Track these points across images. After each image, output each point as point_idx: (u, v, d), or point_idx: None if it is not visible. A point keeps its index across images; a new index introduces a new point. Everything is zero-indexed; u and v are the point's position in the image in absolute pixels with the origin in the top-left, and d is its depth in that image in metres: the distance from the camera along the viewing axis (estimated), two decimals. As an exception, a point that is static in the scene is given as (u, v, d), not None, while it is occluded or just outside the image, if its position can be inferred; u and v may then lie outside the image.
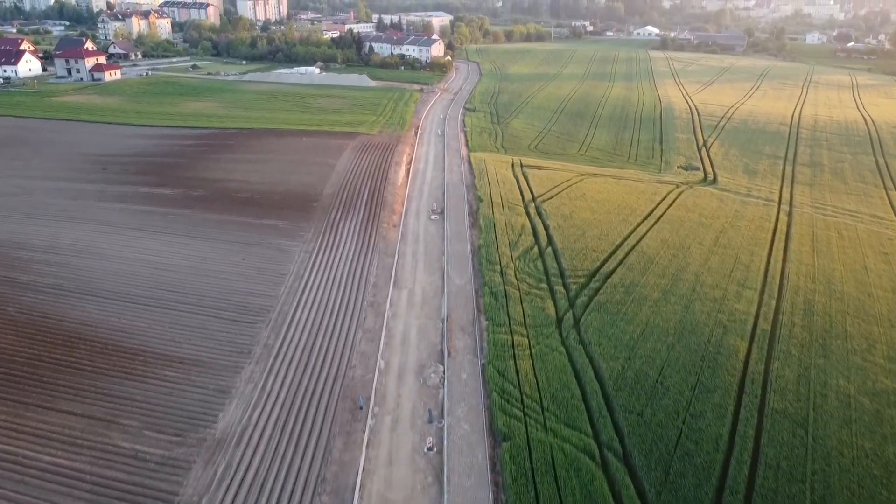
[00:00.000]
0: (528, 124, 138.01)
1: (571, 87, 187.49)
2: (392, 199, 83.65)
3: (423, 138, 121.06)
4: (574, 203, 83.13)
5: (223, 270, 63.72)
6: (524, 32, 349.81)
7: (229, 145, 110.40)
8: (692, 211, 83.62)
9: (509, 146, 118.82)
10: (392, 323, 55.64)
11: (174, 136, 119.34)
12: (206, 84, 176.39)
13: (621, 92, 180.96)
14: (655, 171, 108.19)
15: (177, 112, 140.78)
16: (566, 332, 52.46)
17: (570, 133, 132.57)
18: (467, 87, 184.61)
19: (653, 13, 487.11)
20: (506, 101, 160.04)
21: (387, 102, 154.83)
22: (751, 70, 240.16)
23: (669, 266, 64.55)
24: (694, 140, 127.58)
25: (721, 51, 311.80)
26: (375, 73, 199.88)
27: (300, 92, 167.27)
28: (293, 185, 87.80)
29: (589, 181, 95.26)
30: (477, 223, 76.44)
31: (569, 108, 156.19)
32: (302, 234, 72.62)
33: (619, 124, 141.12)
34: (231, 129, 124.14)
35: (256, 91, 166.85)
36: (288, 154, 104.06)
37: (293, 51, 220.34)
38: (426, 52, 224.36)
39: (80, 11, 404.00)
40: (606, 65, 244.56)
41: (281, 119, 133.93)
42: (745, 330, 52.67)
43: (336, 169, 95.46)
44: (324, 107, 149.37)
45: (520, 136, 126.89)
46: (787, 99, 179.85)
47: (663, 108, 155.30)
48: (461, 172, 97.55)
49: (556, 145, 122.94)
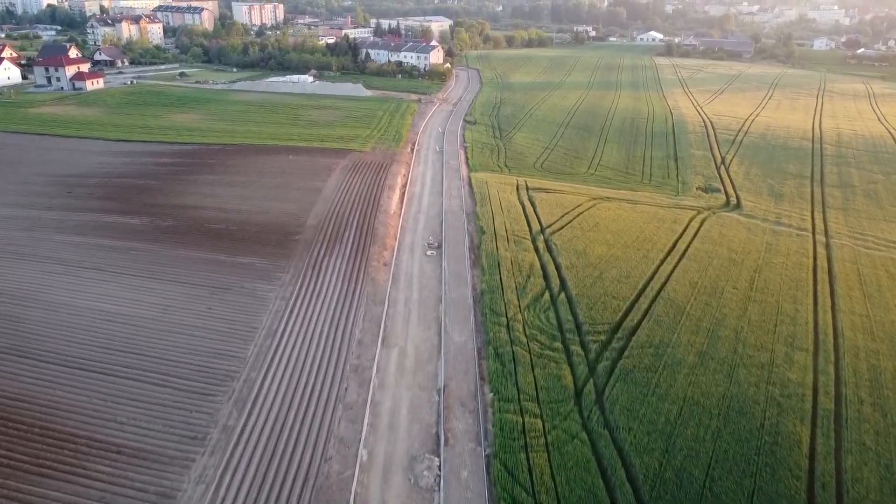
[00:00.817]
0: (533, 139, 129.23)
1: (577, 96, 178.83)
2: (384, 231, 74.73)
3: (420, 156, 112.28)
4: (587, 235, 74.29)
5: (186, 323, 54.82)
6: (525, 38, 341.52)
7: (209, 165, 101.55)
8: (719, 244, 74.80)
9: (513, 164, 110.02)
10: (378, 395, 46.71)
11: (151, 153, 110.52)
12: (192, 94, 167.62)
13: (629, 102, 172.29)
14: (673, 193, 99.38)
15: (158, 125, 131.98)
16: (588, 411, 43.55)
17: (577, 149, 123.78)
18: (467, 96, 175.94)
19: (655, 18, 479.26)
20: (508, 113, 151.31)
21: (382, 114, 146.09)
22: (761, 78, 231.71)
23: (703, 318, 55.67)
24: (711, 157, 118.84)
25: (728, 57, 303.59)
26: (371, 81, 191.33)
27: (291, 102, 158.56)
28: (274, 214, 78.91)
29: (602, 206, 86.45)
30: (479, 261, 67.56)
31: (575, 120, 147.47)
32: (280, 275, 63.72)
33: (630, 139, 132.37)
34: (213, 146, 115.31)
35: (245, 101, 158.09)
36: (271, 175, 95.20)
37: (286, 58, 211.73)
38: (424, 60, 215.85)
39: (72, 16, 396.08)
40: (612, 72, 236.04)
41: (268, 133, 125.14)
42: (803, 409, 43.77)
43: (323, 194, 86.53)
44: (315, 119, 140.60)
45: (524, 153, 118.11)
46: (803, 110, 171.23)
47: (675, 121, 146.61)
48: (461, 197, 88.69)
49: (564, 163, 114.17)
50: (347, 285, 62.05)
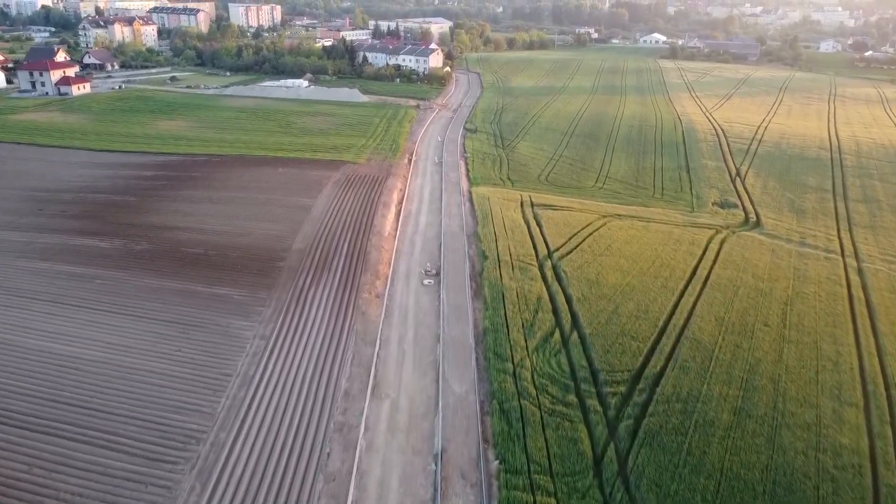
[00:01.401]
0: (537, 148, 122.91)
1: (581, 102, 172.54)
2: (377, 256, 68.35)
3: (418, 168, 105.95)
4: (599, 260, 67.97)
5: (150, 368, 48.48)
6: (527, 40, 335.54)
7: (192, 178, 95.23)
8: (743, 269, 68.48)
9: (516, 177, 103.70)
10: (366, 461, 40.38)
11: (134, 164, 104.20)
12: (182, 99, 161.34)
13: (636, 108, 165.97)
14: (687, 208, 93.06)
15: (144, 134, 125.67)
16: (609, 487, 37.23)
17: (583, 160, 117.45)
18: (468, 102, 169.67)
19: (658, 20, 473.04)
20: (510, 121, 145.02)
21: (379, 121, 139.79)
22: (769, 82, 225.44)
23: (734, 363, 49.34)
24: (725, 168, 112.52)
25: (734, 60, 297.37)
26: (368, 86, 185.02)
27: (284, 108, 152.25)
28: (258, 237, 72.53)
29: (613, 225, 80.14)
30: (481, 291, 61.22)
31: (580, 128, 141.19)
32: (260, 309, 57.37)
33: (638, 148, 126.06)
34: (200, 157, 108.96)
35: (236, 108, 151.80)
36: (258, 191, 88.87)
37: (281, 61, 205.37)
38: (423, 63, 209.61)
39: (67, 17, 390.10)
40: (616, 76, 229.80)
41: (258, 143, 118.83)
42: (862, 486, 37.46)
43: (312, 213, 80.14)
44: (308, 127, 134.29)
45: (527, 164, 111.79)
46: (815, 116, 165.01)
47: (685, 129, 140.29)
48: (461, 215, 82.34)
49: (570, 175, 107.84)
50: (335, 322, 55.69)
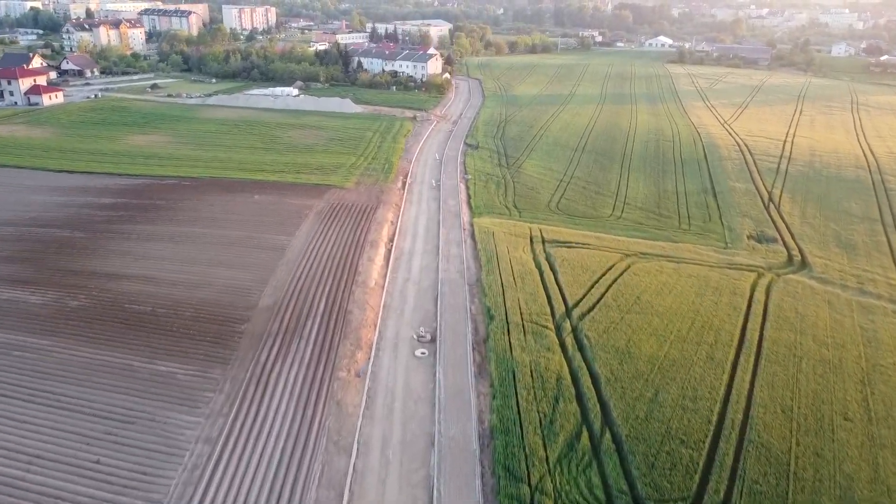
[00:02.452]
0: (545, 168, 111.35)
1: (590, 113, 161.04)
2: (360, 316, 56.69)
3: (413, 193, 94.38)
4: (629, 320, 56.46)
5: (54, 493, 36.97)
6: (529, 44, 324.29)
7: (155, 208, 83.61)
8: (800, 330, 57.01)
9: (523, 204, 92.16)
10: None
11: (94, 189, 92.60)
12: (160, 110, 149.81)
13: (649, 119, 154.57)
14: (719, 242, 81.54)
15: (112, 151, 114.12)
16: None
17: (597, 181, 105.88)
18: (469, 113, 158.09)
19: (663, 23, 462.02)
20: (515, 135, 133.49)
21: (371, 136, 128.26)
22: (785, 89, 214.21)
23: (820, 485, 37.81)
24: (756, 192, 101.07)
25: (744, 64, 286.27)
26: (362, 94, 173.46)
27: (270, 120, 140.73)
28: (219, 288, 60.92)
29: (639, 268, 68.64)
30: (486, 368, 49.70)
31: (591, 143, 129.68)
32: (209, 395, 45.76)
33: (657, 167, 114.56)
34: (169, 179, 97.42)
35: (218, 120, 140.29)
36: (228, 225, 77.29)
37: (270, 67, 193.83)
38: (422, 69, 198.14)
39: (56, 20, 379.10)
40: (624, 83, 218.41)
41: (236, 162, 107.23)
42: None
43: (287, 256, 68.50)
44: (294, 142, 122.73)
45: (536, 188, 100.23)
46: (842, 128, 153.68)
47: (705, 144, 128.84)
48: (462, 256, 70.77)
49: (584, 201, 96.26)
50: (303, 415, 44.07)
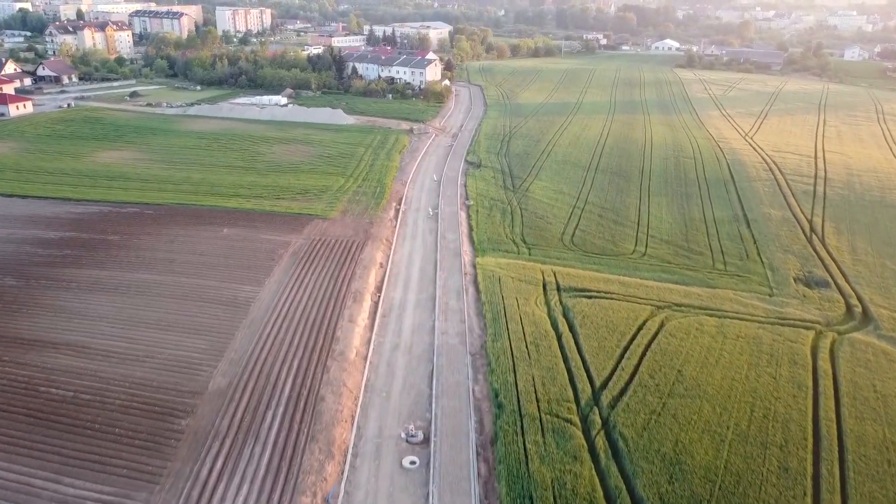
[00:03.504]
0: (555, 191, 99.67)
1: (600, 124, 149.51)
2: (334, 405, 44.93)
3: (407, 224, 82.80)
4: (672, 408, 44.90)
5: None
6: (532, 47, 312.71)
7: (106, 245, 71.95)
8: (886, 420, 45.50)
9: (533, 238, 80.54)
10: None
11: (42, 219, 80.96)
12: (136, 121, 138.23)
13: (665, 132, 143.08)
14: (763, 287, 69.93)
15: (74, 170, 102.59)
16: None
17: (615, 207, 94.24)
18: (470, 124, 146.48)
19: (669, 25, 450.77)
20: (520, 150, 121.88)
21: (363, 152, 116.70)
22: (803, 96, 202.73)
23: None
24: (794, 220, 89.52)
25: (756, 69, 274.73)
26: (356, 104, 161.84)
27: (253, 133, 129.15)
28: (162, 363, 49.26)
29: (675, 327, 57.10)
30: (496, 487, 38.13)
31: (605, 160, 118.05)
32: (125, 538, 34.28)
33: (679, 190, 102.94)
34: (129, 207, 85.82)
35: (197, 133, 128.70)
36: (186, 270, 65.65)
37: (259, 74, 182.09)
38: (420, 76, 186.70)
39: (45, 21, 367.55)
40: (633, 89, 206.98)
41: (210, 185, 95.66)
42: None
43: (252, 313, 56.87)
44: (278, 160, 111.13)
45: (546, 216, 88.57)
46: (872, 142, 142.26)
47: (729, 161, 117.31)
48: (463, 312, 59.14)
49: (601, 233, 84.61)
50: (247, 572, 32.56)
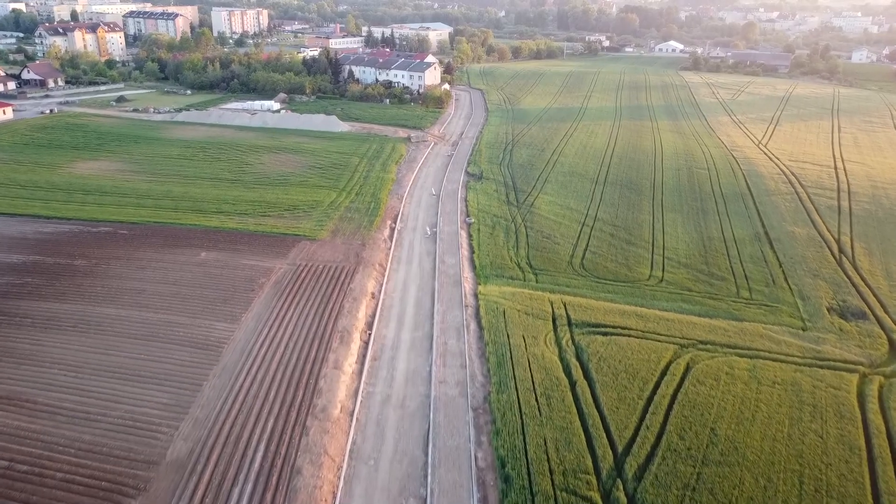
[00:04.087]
0: (562, 206, 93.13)
1: (606, 131, 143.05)
2: (312, 480, 38.13)
3: (403, 246, 76.23)
4: (709, 480, 38.37)
5: None
6: (533, 49, 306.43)
7: (72, 271, 65.44)
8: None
9: (540, 261, 73.96)
10: None
11: (5, 240, 74.21)
12: (120, 128, 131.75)
13: (674, 140, 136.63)
14: (794, 320, 63.38)
15: (50, 182, 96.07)
16: None
17: (627, 225, 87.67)
18: (471, 131, 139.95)
19: (672, 26, 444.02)
20: (524, 160, 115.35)
21: (358, 163, 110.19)
22: (815, 101, 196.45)
23: None
24: (820, 239, 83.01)
25: (763, 72, 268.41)
26: (351, 109, 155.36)
27: (243, 142, 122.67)
28: (116, 424, 42.55)
29: (703, 371, 50.58)
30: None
31: (614, 171, 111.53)
32: None
33: (694, 205, 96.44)
34: (104, 226, 79.24)
35: (183, 141, 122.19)
36: (155, 302, 59.04)
37: (252, 77, 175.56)
38: (418, 80, 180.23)
39: (38, 22, 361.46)
40: (639, 93, 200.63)
41: (192, 200, 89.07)
42: None
43: (224, 358, 50.28)
44: (267, 171, 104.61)
45: (553, 235, 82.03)
46: (891, 150, 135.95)
47: (745, 172, 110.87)
48: (464, 354, 52.56)
49: (614, 255, 78.03)
50: None
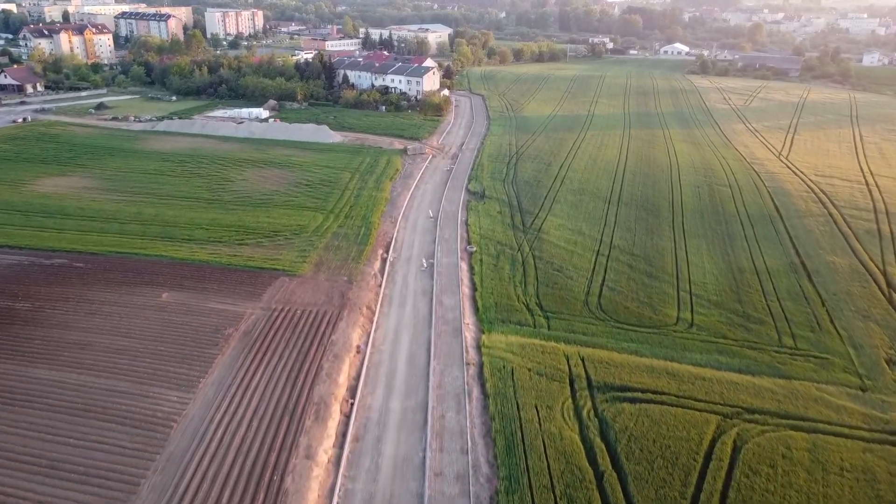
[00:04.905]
0: (573, 230, 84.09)
1: (616, 142, 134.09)
2: None
3: (395, 282, 67.17)
4: None
5: None
6: (535, 51, 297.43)
7: (10, 317, 56.25)
8: None
9: (551, 301, 64.89)
10: None
11: (-55, 273, 65.55)
12: (95, 139, 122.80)
13: (689, 151, 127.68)
14: (849, 375, 54.39)
15: (8, 203, 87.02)
16: None
17: (647, 254, 78.56)
18: (472, 142, 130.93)
19: (676, 28, 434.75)
20: (530, 176, 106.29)
21: (349, 179, 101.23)
22: (831, 107, 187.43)
23: None
24: (864, 271, 73.91)
25: (773, 76, 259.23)
26: (345, 117, 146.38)
27: (226, 154, 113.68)
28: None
29: (755, 451, 41.54)
30: None
31: (627, 189, 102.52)
32: None
33: (719, 229, 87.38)
34: (57, 257, 70.16)
35: (162, 154, 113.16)
36: (101, 361, 49.85)
37: (240, 83, 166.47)
38: (416, 85, 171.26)
39: (28, 23, 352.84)
40: (647, 99, 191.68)
41: (162, 224, 79.94)
42: None
43: (171, 445, 41.08)
44: (248, 189, 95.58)
45: (565, 267, 72.92)
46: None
47: (770, 190, 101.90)
48: (464, 434, 43.40)
49: (635, 292, 68.92)
50: None
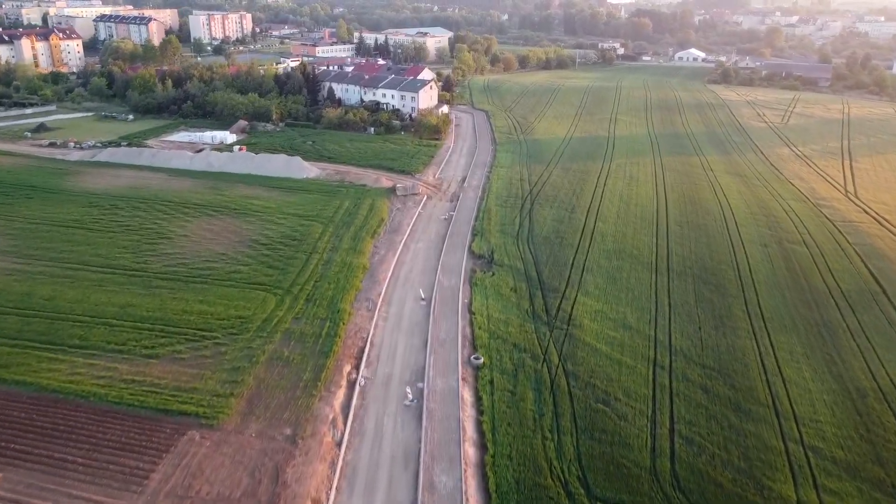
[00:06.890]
0: (616, 323, 61.79)
1: (648, 174, 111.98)
2: None
3: (363, 435, 44.63)
4: None
5: None
6: (542, 58, 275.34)
7: None
8: None
9: (601, 471, 42.61)
10: None
11: None
12: (18, 172, 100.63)
13: (738, 188, 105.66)
14: None
15: None
16: None
17: (723, 364, 56.16)
18: (475, 176, 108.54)
19: (689, 31, 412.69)
20: (550, 230, 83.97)
21: (319, 235, 79.10)
22: (880, 125, 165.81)
23: None
24: None
25: (802, 86, 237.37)
26: (326, 142, 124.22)
27: (173, 196, 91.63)
28: None
29: None
30: None
31: (676, 248, 79.98)
32: None
33: (812, 316, 65.00)
34: None
35: (93, 195, 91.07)
36: None
37: (208, 100, 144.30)
38: (411, 102, 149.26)
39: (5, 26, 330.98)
40: (672, 114, 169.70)
41: (52, 314, 57.68)
42: None
43: None
44: (185, 254, 73.42)
45: (612, 391, 50.70)
46: None
47: (856, 248, 79.90)
48: None
49: (723, 444, 46.59)
50: None
